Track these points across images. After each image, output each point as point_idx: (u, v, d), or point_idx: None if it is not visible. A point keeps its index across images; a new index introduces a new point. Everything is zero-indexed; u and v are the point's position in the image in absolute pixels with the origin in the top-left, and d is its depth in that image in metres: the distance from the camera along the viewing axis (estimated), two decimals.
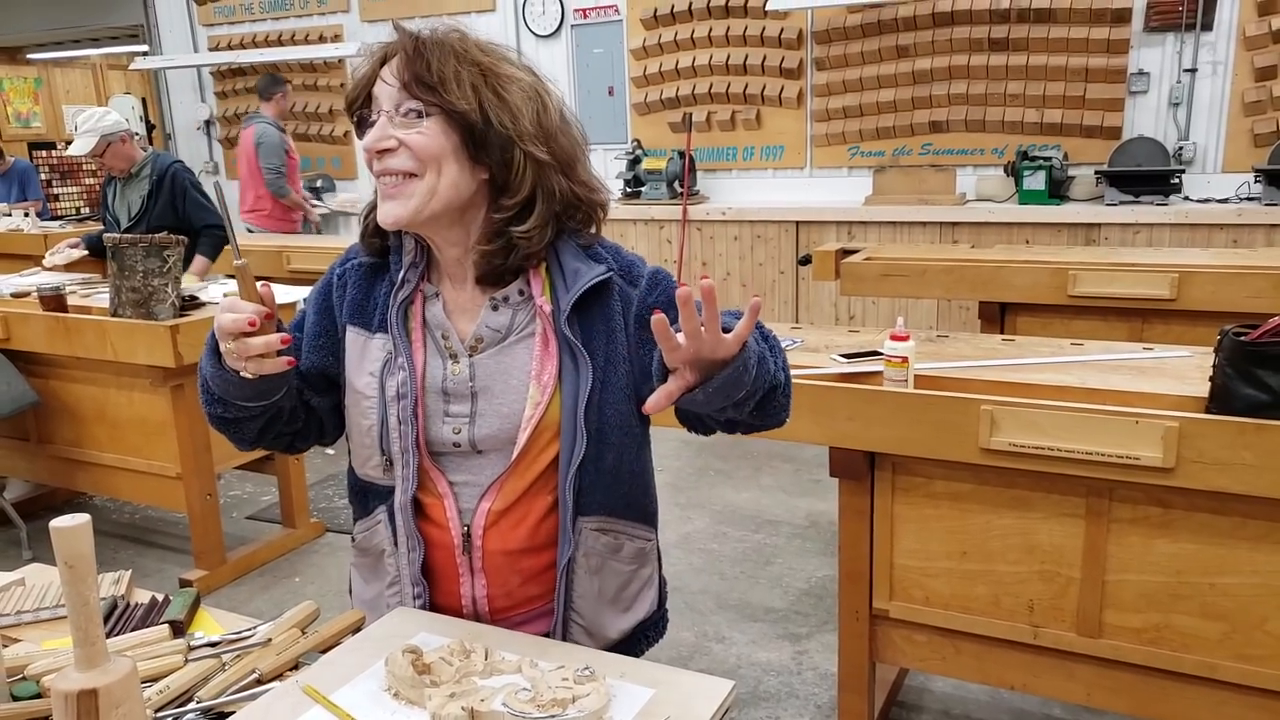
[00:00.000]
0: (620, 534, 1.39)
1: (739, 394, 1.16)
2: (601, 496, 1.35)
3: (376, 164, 1.26)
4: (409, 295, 1.35)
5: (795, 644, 3.11)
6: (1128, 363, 2.34)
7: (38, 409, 3.78)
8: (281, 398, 1.31)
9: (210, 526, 3.64)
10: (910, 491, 2.29)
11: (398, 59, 1.25)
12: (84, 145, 4.39)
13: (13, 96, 11.21)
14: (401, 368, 1.31)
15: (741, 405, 1.19)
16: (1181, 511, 2.03)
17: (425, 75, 1.23)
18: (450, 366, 1.33)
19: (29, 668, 1.24)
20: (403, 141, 1.24)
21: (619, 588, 1.42)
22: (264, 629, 1.32)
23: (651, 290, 1.36)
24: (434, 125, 1.24)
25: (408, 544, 1.34)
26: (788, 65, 5.92)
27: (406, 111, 1.24)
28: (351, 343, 1.37)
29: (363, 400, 1.34)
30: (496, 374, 1.32)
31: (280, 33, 7.60)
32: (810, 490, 4.30)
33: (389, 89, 1.25)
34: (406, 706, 1.11)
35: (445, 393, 1.32)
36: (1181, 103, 5.12)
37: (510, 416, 1.31)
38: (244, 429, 1.36)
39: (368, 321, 1.36)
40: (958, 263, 3.64)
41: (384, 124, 1.24)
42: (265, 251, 5.18)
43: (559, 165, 1.31)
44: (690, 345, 1.09)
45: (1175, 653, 2.09)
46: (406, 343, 1.33)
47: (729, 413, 1.21)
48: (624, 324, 1.34)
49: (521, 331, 1.33)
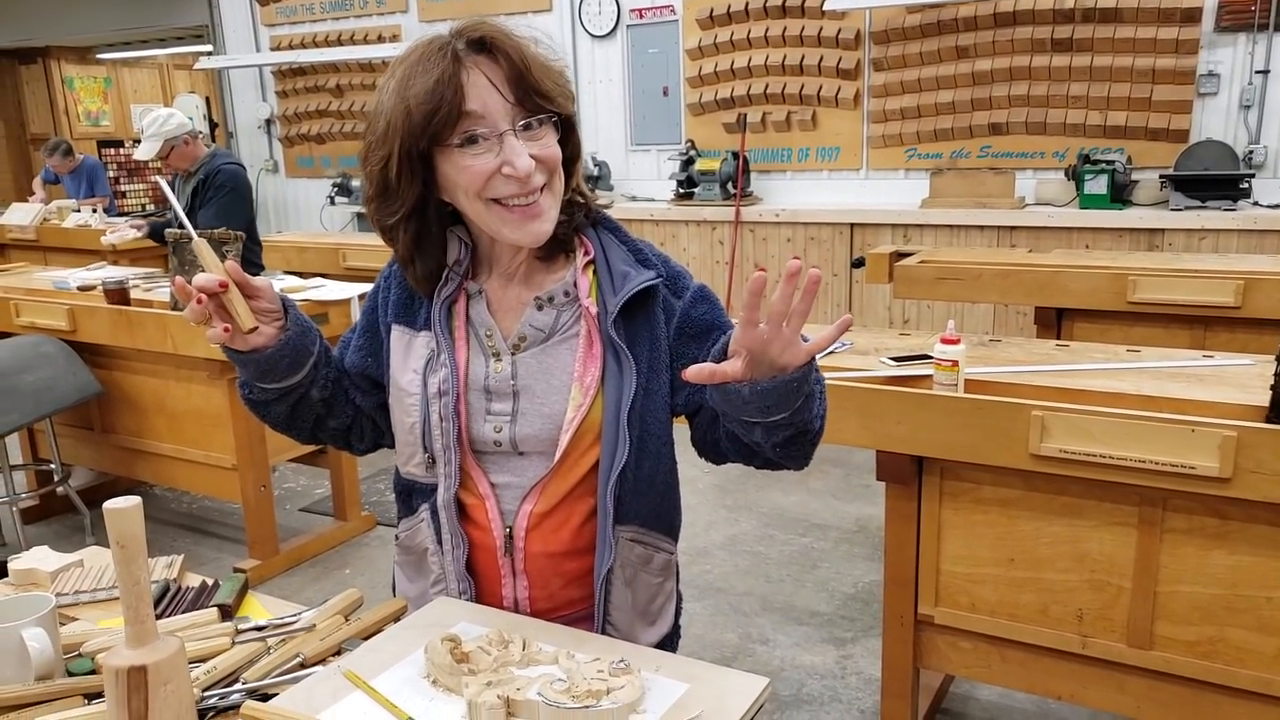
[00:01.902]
0: (650, 545, 1.39)
1: (783, 412, 1.12)
2: (637, 505, 1.34)
3: (516, 186, 1.21)
4: (452, 293, 1.35)
5: (840, 648, 3.09)
6: (1185, 370, 2.29)
7: (101, 399, 3.87)
8: (300, 383, 1.34)
9: (264, 517, 3.71)
10: (958, 497, 2.27)
11: (491, 69, 1.21)
12: (149, 150, 4.52)
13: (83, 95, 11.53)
14: (444, 365, 1.32)
15: (774, 430, 1.16)
16: (1239, 523, 1.99)
17: (534, 82, 1.21)
18: (492, 365, 1.33)
19: (84, 645, 1.28)
20: (536, 157, 1.22)
21: (648, 600, 1.41)
22: (309, 615, 1.34)
23: (696, 304, 1.36)
24: (549, 131, 1.24)
25: (452, 541, 1.35)
26: (845, 66, 5.87)
27: (527, 124, 1.22)
28: (397, 340, 1.38)
29: (406, 397, 1.35)
30: (539, 373, 1.32)
31: (340, 33, 7.71)
32: (860, 495, 4.27)
33: (503, 103, 1.20)
34: (444, 694, 1.12)
35: (487, 391, 1.33)
36: (1253, 105, 5.00)
37: (552, 417, 1.30)
38: (270, 412, 1.39)
39: (412, 320, 1.37)
40: (1014, 267, 3.59)
41: (517, 144, 1.20)
42: (321, 249, 5.26)
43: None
44: (769, 331, 1.06)
45: (1229, 667, 2.05)
46: (449, 340, 1.33)
47: (757, 434, 1.17)
48: (665, 333, 1.33)
49: (566, 332, 1.32)
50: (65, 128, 11.34)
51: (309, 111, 8.01)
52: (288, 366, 1.31)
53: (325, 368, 1.39)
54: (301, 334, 1.32)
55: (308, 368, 1.34)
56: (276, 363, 1.30)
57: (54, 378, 3.65)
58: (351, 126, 7.84)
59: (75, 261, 5.25)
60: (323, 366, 1.38)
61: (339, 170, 7.81)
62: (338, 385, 1.43)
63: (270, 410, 1.39)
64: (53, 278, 4.22)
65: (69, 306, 3.75)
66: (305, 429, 1.44)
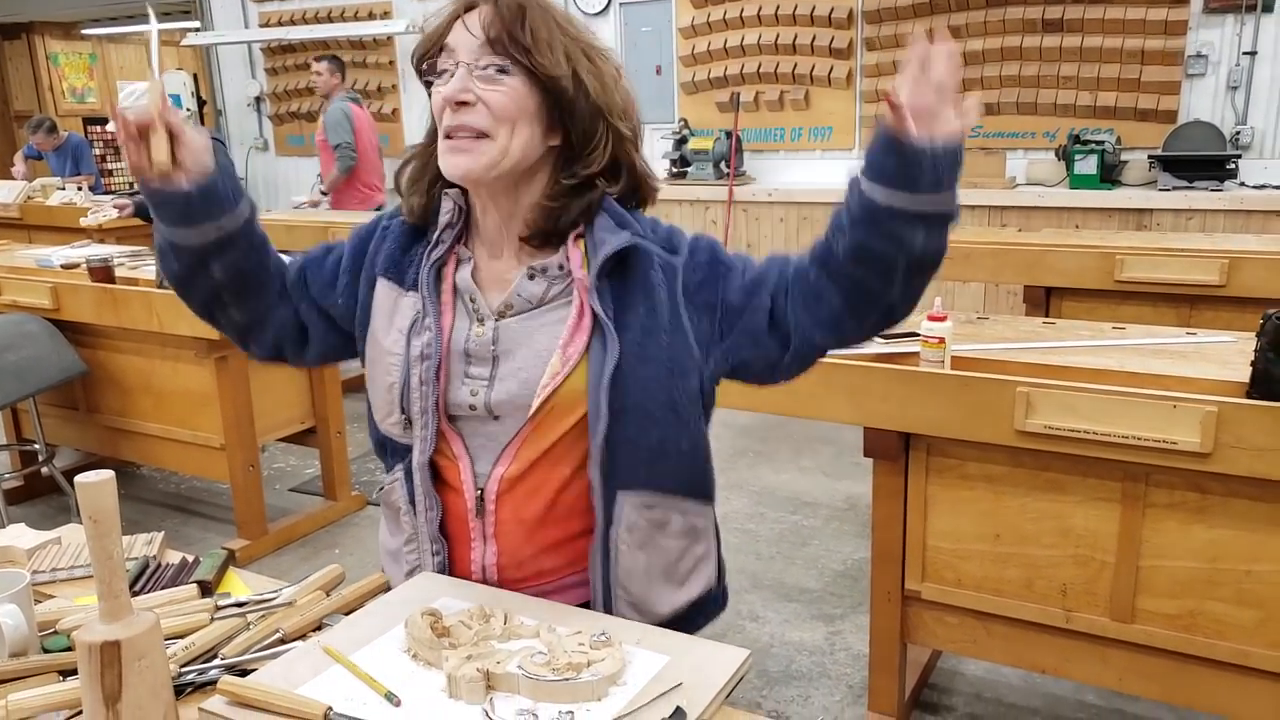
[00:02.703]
0: (668, 509, 1.35)
1: (952, 187, 1.15)
2: (645, 474, 1.31)
3: (450, 117, 1.22)
4: (442, 256, 1.34)
5: (829, 624, 3.10)
6: (1169, 347, 2.30)
7: (86, 379, 3.86)
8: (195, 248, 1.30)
9: (252, 497, 3.70)
10: (944, 473, 2.27)
11: (485, 10, 1.22)
12: None
13: (68, 72, 11.43)
14: (428, 328, 1.31)
15: (935, 226, 1.18)
16: (1219, 497, 2.00)
17: (518, 32, 1.20)
18: (474, 329, 1.32)
19: (61, 622, 1.27)
20: (481, 98, 1.21)
21: (670, 563, 1.38)
22: (289, 591, 1.34)
23: (695, 252, 1.34)
24: (516, 84, 1.22)
25: (425, 503, 1.34)
26: (837, 45, 5.85)
27: (488, 65, 1.21)
28: (383, 296, 1.36)
29: (387, 357, 1.34)
30: (521, 338, 1.30)
31: (330, 9, 7.65)
32: (850, 473, 4.28)
33: (471, 40, 1.21)
34: (424, 668, 1.12)
35: (467, 354, 1.31)
36: (1240, 86, 5.00)
37: (528, 382, 1.28)
38: (165, 262, 1.35)
39: (401, 278, 1.35)
40: (1003, 245, 3.59)
41: (463, 75, 1.21)
42: (310, 228, 5.23)
43: (635, 143, 1.31)
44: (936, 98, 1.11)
45: (1209, 639, 2.06)
46: (435, 303, 1.32)
47: (918, 237, 1.17)
48: (669, 295, 1.30)
49: (555, 302, 1.31)
50: (50, 104, 11.25)
51: (299, 89, 7.95)
52: (177, 215, 1.27)
53: (237, 252, 1.34)
54: (205, 196, 1.27)
55: (203, 233, 1.30)
56: (167, 203, 1.26)
57: (37, 357, 3.62)
58: None
59: (60, 239, 5.22)
60: (233, 249, 1.33)
61: None
62: (254, 280, 1.39)
63: (165, 261, 1.35)
64: (36, 255, 4.20)
65: (53, 285, 3.72)
66: (199, 301, 1.40)
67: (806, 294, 1.28)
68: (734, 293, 1.32)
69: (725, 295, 1.32)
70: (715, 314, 1.32)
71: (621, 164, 1.31)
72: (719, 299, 1.32)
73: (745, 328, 1.31)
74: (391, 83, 7.57)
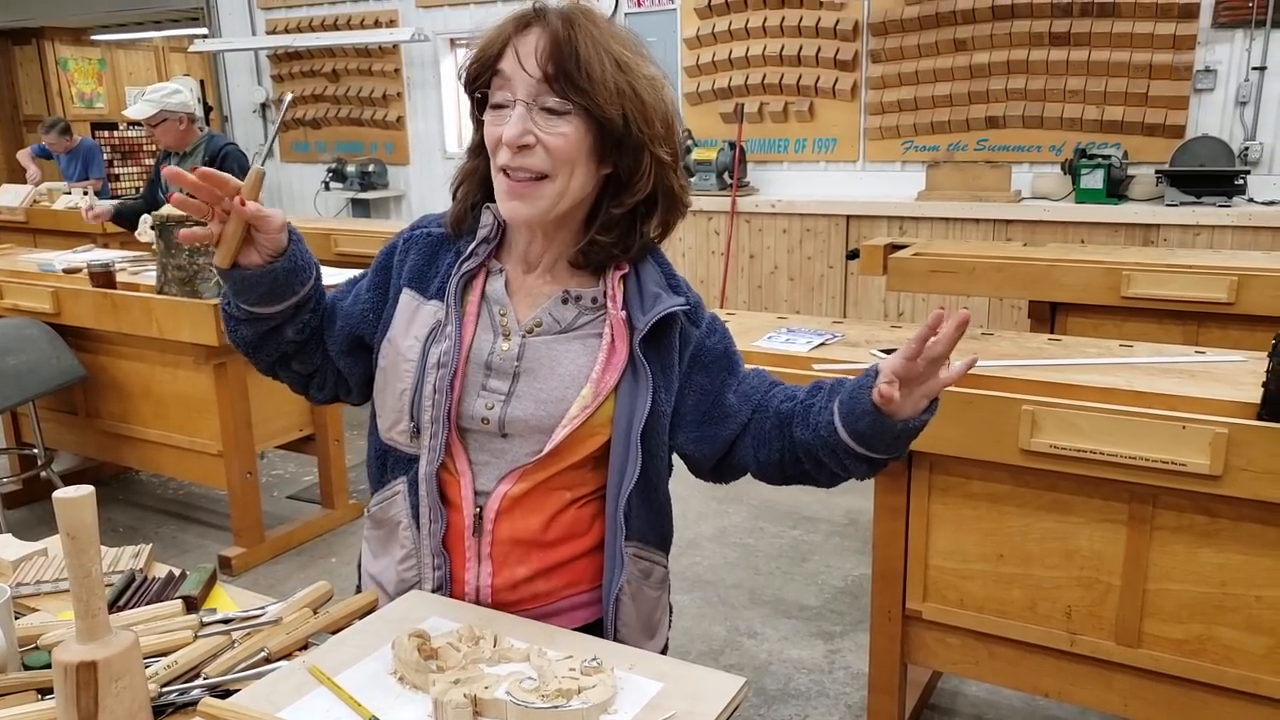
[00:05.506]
0: (649, 560, 1.40)
1: (906, 449, 1.25)
2: (639, 523, 1.35)
3: (509, 157, 1.21)
4: (474, 269, 1.33)
5: (828, 642, 3.07)
6: (1177, 366, 2.26)
7: (86, 383, 3.83)
8: (274, 315, 1.31)
9: (250, 504, 3.67)
10: (947, 491, 2.24)
11: (540, 40, 1.20)
12: (142, 110, 4.46)
13: (77, 77, 11.44)
14: (448, 336, 1.30)
15: (881, 465, 1.28)
16: (1228, 521, 1.96)
17: (574, 73, 1.18)
18: (500, 343, 1.31)
19: (42, 638, 1.24)
20: (541, 140, 1.20)
21: (649, 613, 1.42)
22: (275, 608, 1.31)
23: (710, 334, 1.38)
24: (574, 126, 1.21)
25: (430, 515, 1.32)
26: (842, 57, 5.83)
27: (547, 105, 1.20)
28: (404, 305, 1.35)
29: (402, 362, 1.32)
30: (545, 359, 1.30)
31: (336, 17, 7.66)
32: (851, 488, 4.19)
33: (528, 78, 1.19)
34: (411, 691, 1.09)
35: (488, 367, 1.30)
36: (1249, 101, 4.97)
37: (545, 404, 1.28)
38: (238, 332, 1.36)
39: (425, 287, 1.35)
40: (1008, 260, 3.56)
41: (523, 115, 1.20)
42: (312, 235, 5.22)
43: (675, 165, 1.31)
44: (926, 369, 1.14)
45: (1217, 666, 2.02)
46: (459, 313, 1.31)
47: (861, 466, 1.27)
48: (679, 360, 1.34)
49: (583, 330, 1.31)
50: (59, 109, 11.24)
51: (305, 96, 7.95)
52: (263, 295, 1.28)
53: (309, 313, 1.36)
54: (290, 272, 1.28)
55: (285, 305, 1.31)
56: (254, 286, 1.27)
57: (37, 361, 3.60)
58: (348, 112, 7.79)
59: (64, 244, 5.20)
60: (306, 311, 1.35)
61: (334, 155, 7.76)
62: (316, 332, 1.40)
63: (238, 330, 1.36)
64: (38, 260, 4.18)
65: (53, 289, 3.71)
66: (267, 362, 1.41)
67: (758, 433, 1.34)
68: (730, 394, 1.36)
69: (723, 391, 1.36)
70: (705, 401, 1.36)
71: (659, 190, 1.30)
72: (716, 391, 1.36)
73: (718, 431, 1.36)
74: (396, 90, 7.57)
